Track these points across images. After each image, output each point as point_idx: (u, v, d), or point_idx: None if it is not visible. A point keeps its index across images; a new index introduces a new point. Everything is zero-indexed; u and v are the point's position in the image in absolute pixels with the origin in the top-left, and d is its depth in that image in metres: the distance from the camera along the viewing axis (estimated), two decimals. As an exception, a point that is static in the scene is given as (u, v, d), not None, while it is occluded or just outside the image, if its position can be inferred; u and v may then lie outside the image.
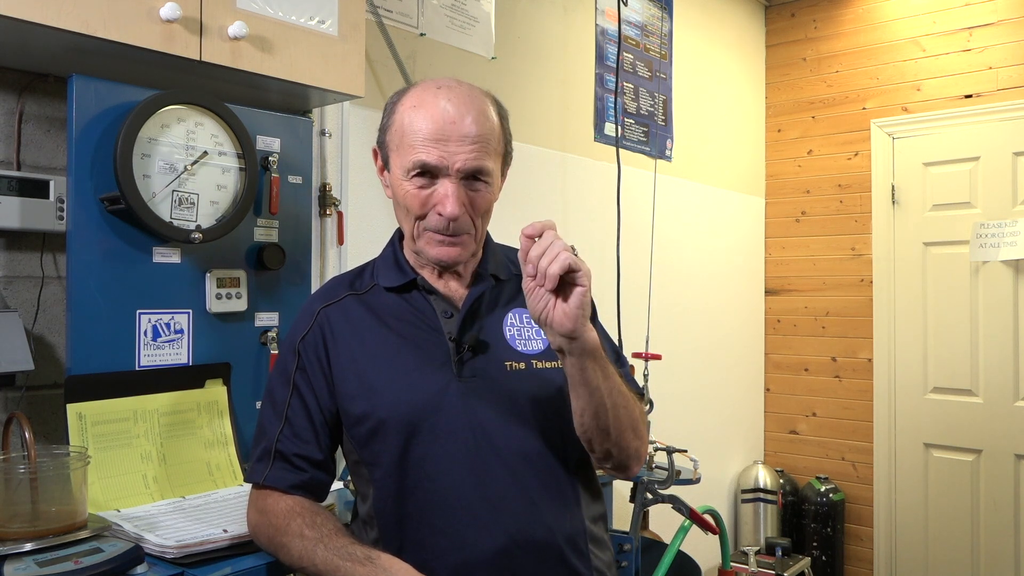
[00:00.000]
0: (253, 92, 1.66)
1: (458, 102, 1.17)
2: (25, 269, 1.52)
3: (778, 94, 4.06)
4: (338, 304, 1.27)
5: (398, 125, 1.20)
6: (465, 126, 1.16)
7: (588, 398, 1.12)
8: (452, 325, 1.23)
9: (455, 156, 1.16)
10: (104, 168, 1.43)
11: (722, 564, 2.52)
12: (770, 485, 3.76)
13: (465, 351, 1.21)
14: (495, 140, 1.21)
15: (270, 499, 1.20)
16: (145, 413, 1.46)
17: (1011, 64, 3.41)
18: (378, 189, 2.18)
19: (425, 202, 1.18)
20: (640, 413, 1.24)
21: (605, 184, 2.95)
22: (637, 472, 1.29)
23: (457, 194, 1.16)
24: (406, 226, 1.24)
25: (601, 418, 1.14)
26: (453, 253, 1.21)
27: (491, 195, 1.22)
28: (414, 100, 1.20)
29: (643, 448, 1.25)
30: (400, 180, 1.20)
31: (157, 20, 1.37)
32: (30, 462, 1.19)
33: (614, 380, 1.15)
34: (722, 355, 3.78)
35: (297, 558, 1.13)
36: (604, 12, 3.04)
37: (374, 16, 2.16)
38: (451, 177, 1.17)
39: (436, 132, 1.15)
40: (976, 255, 3.44)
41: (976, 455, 3.49)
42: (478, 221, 1.22)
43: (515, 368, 1.22)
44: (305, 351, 1.24)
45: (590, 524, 1.25)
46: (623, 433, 1.18)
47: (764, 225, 4.10)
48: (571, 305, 1.04)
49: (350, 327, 1.24)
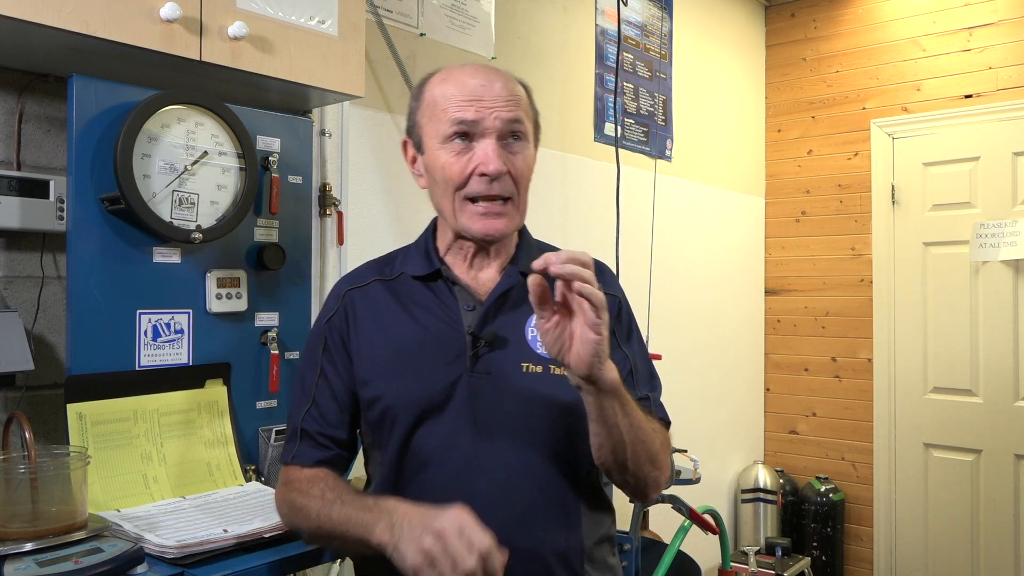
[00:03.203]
0: (253, 92, 1.66)
1: (485, 72, 1.20)
2: (25, 269, 1.52)
3: (778, 94, 4.06)
4: (365, 288, 1.28)
5: (428, 100, 1.21)
6: (496, 88, 1.18)
7: (606, 434, 1.10)
8: (472, 319, 1.21)
9: (490, 109, 1.16)
10: (104, 168, 1.43)
11: (722, 564, 2.52)
12: (770, 485, 3.76)
13: (481, 346, 1.19)
14: (525, 105, 1.22)
15: (295, 472, 1.22)
16: (145, 413, 1.46)
17: (1011, 64, 3.41)
18: (378, 189, 2.18)
19: (465, 166, 1.17)
20: (662, 443, 1.20)
21: (605, 184, 2.95)
22: (655, 498, 1.27)
23: (497, 150, 1.16)
24: (446, 204, 1.21)
25: (619, 453, 1.12)
26: (498, 225, 1.18)
27: (531, 158, 1.22)
28: (442, 76, 1.22)
29: (662, 476, 1.21)
30: (436, 152, 1.19)
31: (157, 20, 1.37)
32: (30, 462, 1.19)
33: (634, 416, 1.11)
34: (722, 355, 3.78)
35: (315, 517, 1.13)
36: (604, 12, 3.04)
37: (374, 16, 2.16)
38: (489, 134, 1.16)
39: (469, 93, 1.17)
40: (976, 255, 3.44)
41: (976, 455, 3.49)
42: (522, 187, 1.20)
43: (531, 370, 1.19)
44: (331, 333, 1.26)
45: (590, 545, 1.21)
46: (641, 466, 1.15)
47: (764, 225, 4.10)
48: (586, 352, 1.00)
49: (373, 312, 1.25)
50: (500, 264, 1.26)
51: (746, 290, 3.97)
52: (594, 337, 0.98)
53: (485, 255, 1.25)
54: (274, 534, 1.28)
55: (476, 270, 1.25)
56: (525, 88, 1.25)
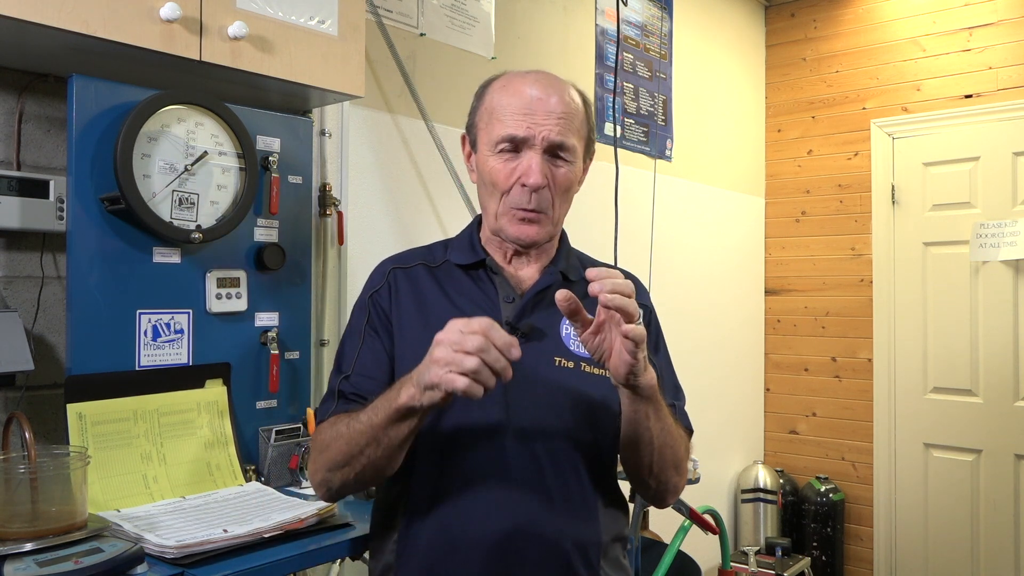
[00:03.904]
0: (253, 92, 1.66)
1: (545, 83, 1.25)
2: (25, 269, 1.52)
3: (778, 94, 4.06)
4: (409, 270, 1.31)
5: (487, 104, 1.27)
6: (551, 104, 1.23)
7: (636, 435, 1.16)
8: (511, 310, 1.25)
9: (540, 127, 1.21)
10: (104, 168, 1.43)
11: (722, 564, 2.52)
12: (770, 485, 3.76)
13: (517, 336, 1.20)
14: (578, 121, 1.26)
15: (326, 426, 1.22)
16: (145, 413, 1.46)
17: (1011, 64, 3.41)
18: (378, 189, 2.18)
19: (510, 175, 1.22)
20: (685, 451, 1.26)
21: (605, 184, 2.94)
22: (672, 504, 1.34)
23: (541, 165, 1.21)
24: (491, 205, 1.27)
25: (645, 455, 1.18)
26: (532, 232, 1.24)
27: (573, 174, 1.26)
28: (503, 82, 1.28)
29: (682, 483, 1.27)
30: (487, 156, 1.25)
31: (157, 20, 1.37)
32: (30, 462, 1.19)
33: (666, 422, 1.17)
34: (722, 355, 3.78)
35: (346, 433, 1.14)
36: (604, 12, 3.04)
37: (374, 16, 2.16)
38: (535, 149, 1.21)
39: (523, 107, 1.22)
40: (976, 255, 3.44)
41: (976, 455, 3.49)
42: (558, 201, 1.25)
43: (563, 365, 1.23)
44: (375, 306, 1.28)
45: (607, 540, 1.24)
46: (665, 470, 1.21)
47: (764, 225, 4.10)
48: (623, 366, 1.04)
49: (415, 293, 1.28)
50: (540, 265, 1.31)
51: (746, 290, 3.97)
52: (630, 361, 1.04)
53: (525, 256, 1.30)
54: (274, 534, 1.29)
55: (515, 267, 1.30)
56: (584, 100, 1.31)
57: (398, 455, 1.14)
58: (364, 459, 1.13)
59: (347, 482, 1.18)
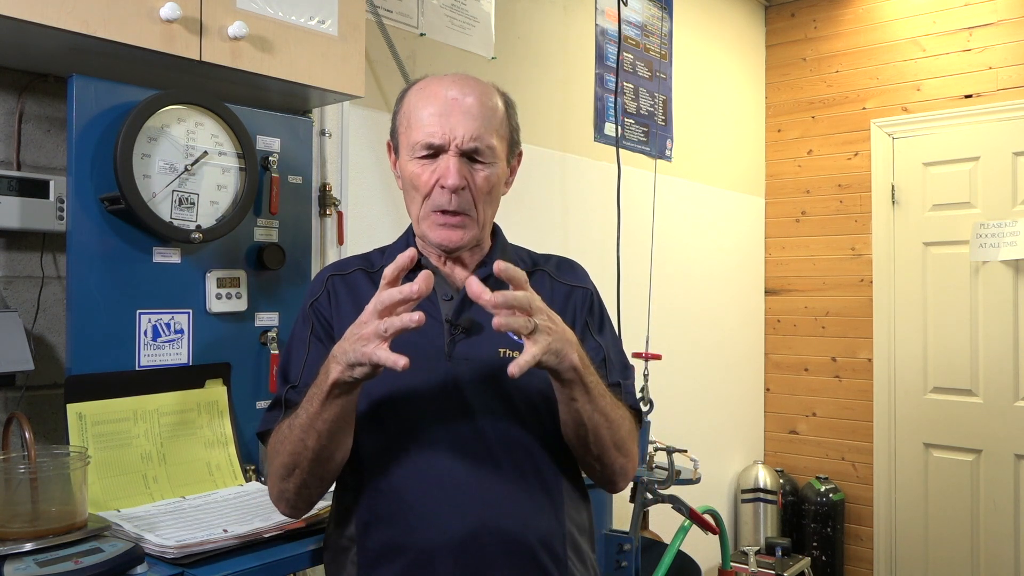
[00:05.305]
0: (253, 92, 1.66)
1: (462, 84, 1.24)
2: (25, 269, 1.52)
3: (778, 94, 4.06)
4: (347, 276, 1.31)
5: (406, 109, 1.26)
6: (466, 103, 1.21)
7: (569, 418, 1.16)
8: (450, 308, 1.24)
9: (456, 131, 1.20)
10: (104, 168, 1.43)
11: (722, 564, 2.52)
12: (770, 485, 3.76)
13: (458, 333, 1.22)
14: (497, 122, 1.25)
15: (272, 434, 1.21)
16: (145, 413, 1.46)
17: (1011, 64, 3.41)
18: (378, 189, 2.18)
19: (430, 178, 1.22)
20: (629, 432, 1.24)
21: (605, 184, 2.95)
22: (624, 488, 1.32)
23: (458, 167, 1.20)
24: (413, 210, 1.27)
25: (581, 435, 1.18)
26: (455, 236, 1.23)
27: (494, 176, 1.25)
28: (421, 85, 1.26)
29: (629, 465, 1.26)
30: (407, 161, 1.24)
31: (157, 20, 1.37)
32: (30, 462, 1.19)
33: (599, 403, 1.15)
34: (722, 355, 3.78)
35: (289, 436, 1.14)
36: (604, 12, 3.04)
37: (374, 16, 2.16)
38: (452, 151, 1.20)
39: (439, 109, 1.21)
40: (976, 255, 3.44)
41: (976, 455, 3.49)
42: (480, 203, 1.24)
43: (509, 355, 1.21)
44: (316, 313, 1.28)
45: (573, 530, 1.23)
46: (605, 451, 1.20)
47: (764, 225, 4.10)
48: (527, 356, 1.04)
49: (353, 299, 1.27)
50: (475, 259, 1.31)
51: (746, 290, 3.97)
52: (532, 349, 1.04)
53: (456, 259, 1.29)
54: (274, 534, 1.29)
55: (451, 267, 1.29)
56: (506, 101, 1.29)
57: (341, 439, 1.13)
58: (309, 453, 1.12)
59: (302, 486, 1.16)
